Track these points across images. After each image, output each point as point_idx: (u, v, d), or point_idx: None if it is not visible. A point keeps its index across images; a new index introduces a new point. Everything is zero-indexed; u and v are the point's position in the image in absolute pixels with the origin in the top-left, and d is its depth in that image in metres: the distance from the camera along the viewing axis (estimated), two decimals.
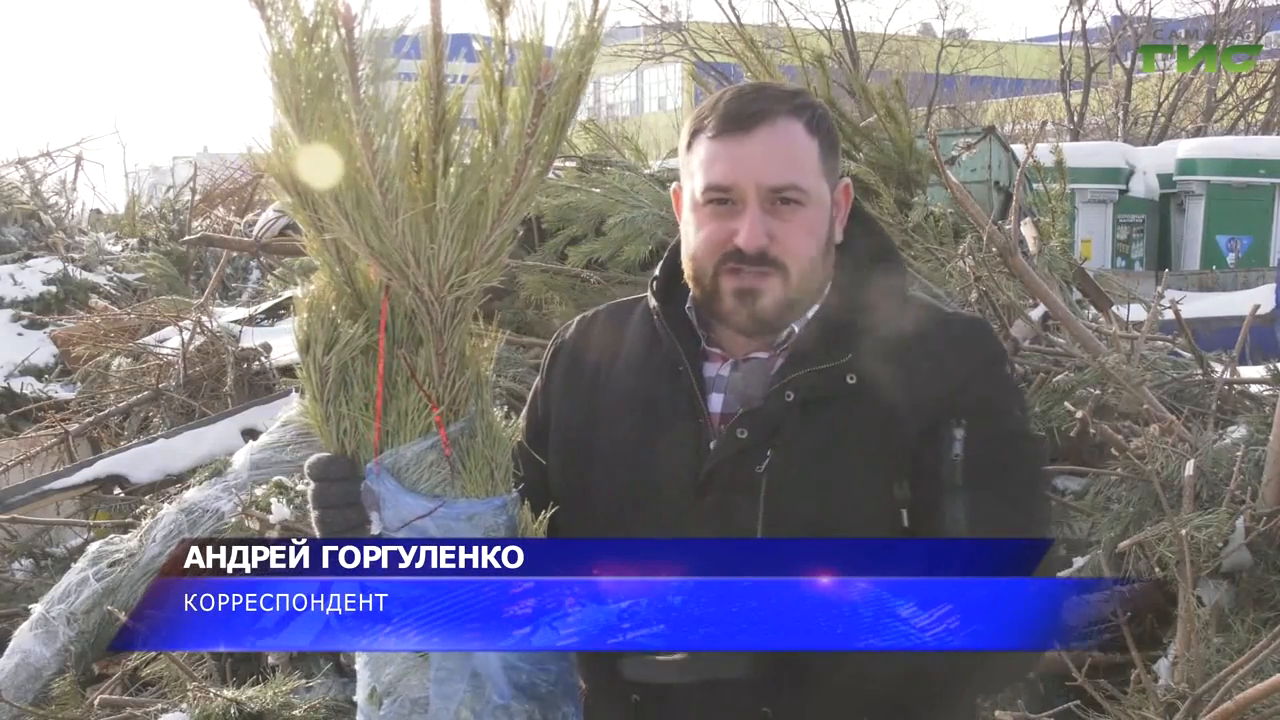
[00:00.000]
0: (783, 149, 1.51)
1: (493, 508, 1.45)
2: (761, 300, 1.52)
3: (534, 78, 1.34)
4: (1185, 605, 2.51)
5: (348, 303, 1.44)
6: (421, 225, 1.36)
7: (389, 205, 1.34)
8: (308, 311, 1.44)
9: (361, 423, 1.43)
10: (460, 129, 1.39)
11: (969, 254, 3.91)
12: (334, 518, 1.44)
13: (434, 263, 1.37)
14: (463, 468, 1.44)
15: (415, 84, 1.38)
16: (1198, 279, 10.33)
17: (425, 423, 1.43)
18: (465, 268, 1.38)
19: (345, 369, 1.43)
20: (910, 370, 1.52)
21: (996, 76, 23.86)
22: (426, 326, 1.41)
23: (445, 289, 1.38)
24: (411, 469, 1.42)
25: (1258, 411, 3.29)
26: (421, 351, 1.42)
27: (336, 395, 1.44)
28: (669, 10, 22.75)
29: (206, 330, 5.66)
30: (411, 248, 1.36)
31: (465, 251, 1.37)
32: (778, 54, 8.50)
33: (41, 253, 9.03)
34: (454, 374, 1.43)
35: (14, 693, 3.46)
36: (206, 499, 3.97)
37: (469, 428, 1.45)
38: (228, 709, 2.91)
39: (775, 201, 1.51)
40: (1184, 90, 18.55)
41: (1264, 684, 2.19)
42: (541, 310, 4.37)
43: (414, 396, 1.43)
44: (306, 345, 1.44)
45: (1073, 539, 3.29)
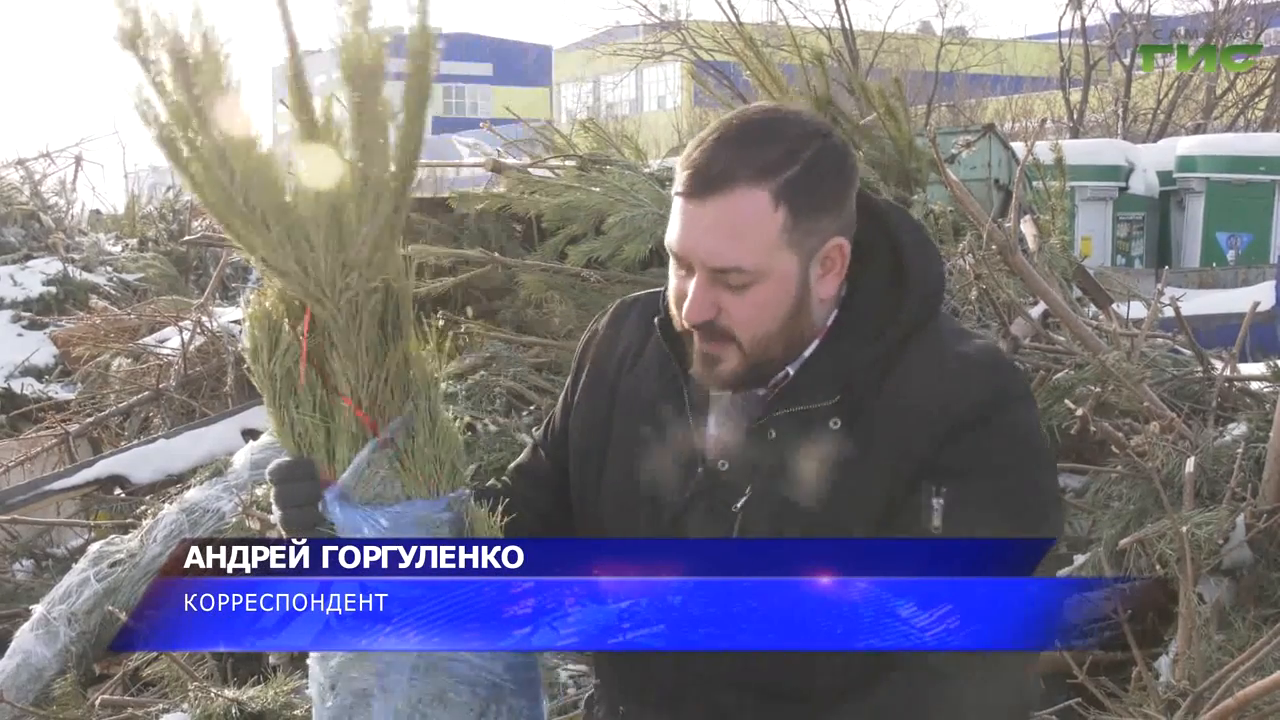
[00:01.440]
0: (730, 226, 1.40)
1: (436, 508, 1.46)
2: (720, 366, 1.46)
3: (349, 76, 1.36)
4: (1186, 603, 2.51)
5: (291, 306, 1.47)
6: (299, 235, 1.39)
7: (259, 219, 1.38)
8: (252, 319, 1.47)
9: (311, 425, 1.46)
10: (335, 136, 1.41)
11: (969, 252, 3.91)
12: (297, 517, 1.46)
13: (317, 269, 1.40)
14: (401, 467, 1.46)
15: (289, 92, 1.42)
16: (1198, 276, 10.32)
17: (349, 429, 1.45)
18: (347, 271, 1.40)
19: (291, 374, 1.46)
20: (896, 414, 1.44)
21: (996, 74, 23.85)
22: (335, 330, 1.44)
23: (334, 292, 1.41)
24: (357, 486, 1.45)
25: (1258, 409, 3.29)
26: (336, 355, 1.45)
27: (288, 400, 1.47)
28: (668, 9, 22.76)
29: (206, 330, 5.66)
30: (294, 258, 1.39)
31: (342, 254, 1.40)
32: (777, 52, 8.49)
33: (41, 253, 9.03)
34: (370, 373, 1.44)
35: (15, 693, 3.46)
36: (207, 499, 3.97)
37: (407, 428, 1.46)
38: (229, 709, 2.91)
39: (724, 286, 1.43)
40: (1183, 87, 18.55)
41: (1265, 681, 2.20)
42: (541, 309, 4.37)
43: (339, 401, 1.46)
44: (255, 352, 1.47)
45: (1073, 537, 3.29)
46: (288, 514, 1.47)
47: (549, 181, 4.76)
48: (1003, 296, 3.89)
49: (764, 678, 1.48)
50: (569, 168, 4.94)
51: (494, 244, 4.81)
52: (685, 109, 24.65)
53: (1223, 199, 11.94)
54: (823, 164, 1.43)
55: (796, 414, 1.46)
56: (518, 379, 4.05)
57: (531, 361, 4.22)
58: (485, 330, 4.54)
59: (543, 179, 4.82)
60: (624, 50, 23.19)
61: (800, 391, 1.47)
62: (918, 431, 1.43)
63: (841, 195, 1.46)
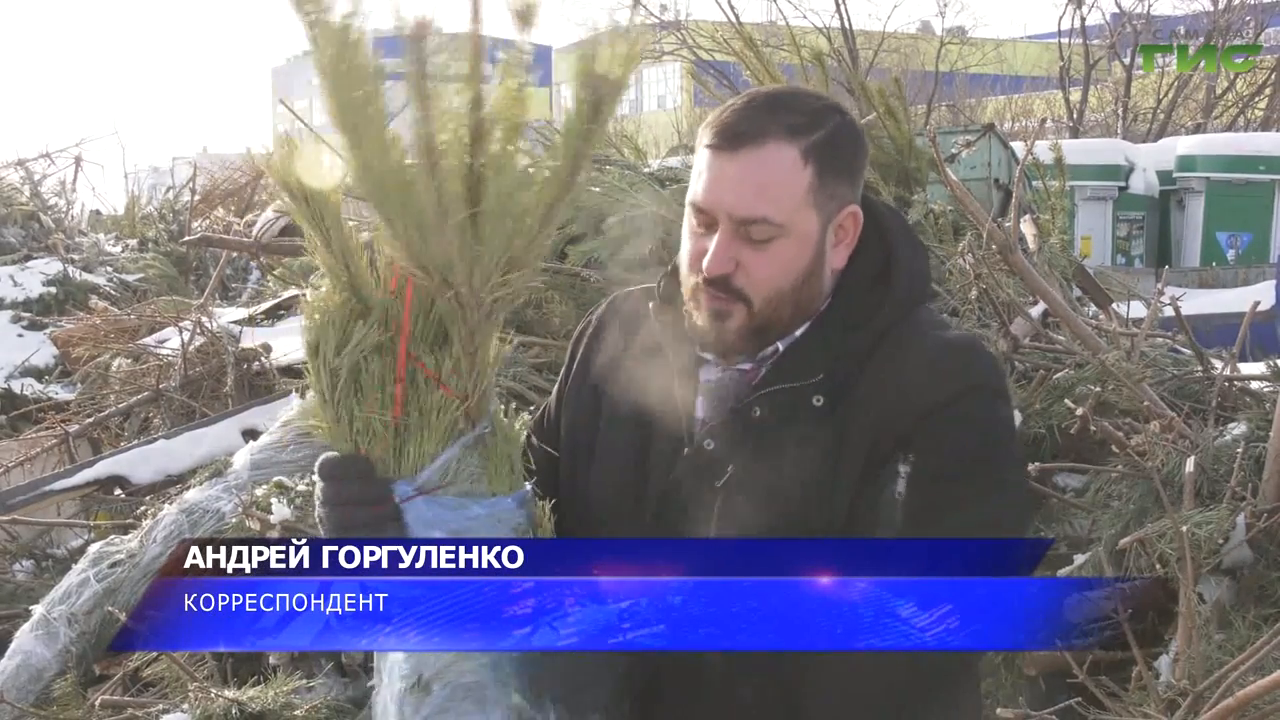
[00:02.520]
0: (759, 178, 1.45)
1: (517, 501, 1.45)
2: (727, 322, 1.49)
3: (588, 85, 1.34)
4: (1186, 602, 2.51)
5: (354, 306, 1.44)
6: (469, 227, 1.35)
7: (443, 207, 1.33)
8: (317, 313, 1.43)
9: (378, 422, 1.42)
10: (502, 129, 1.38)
11: (969, 251, 3.91)
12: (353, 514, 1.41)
13: (478, 264, 1.36)
14: (488, 465, 1.45)
15: (456, 86, 1.36)
16: (1198, 276, 10.31)
17: (445, 423, 1.42)
18: (507, 269, 1.38)
19: (356, 369, 1.42)
20: (876, 395, 1.47)
21: (996, 74, 23.84)
22: (460, 327, 1.41)
23: (486, 290, 1.38)
24: (439, 481, 1.42)
25: (1258, 408, 3.29)
26: (450, 351, 1.41)
27: (348, 396, 1.42)
28: (668, 9, 22.75)
29: (206, 331, 5.66)
30: (457, 249, 1.36)
31: (507, 253, 1.37)
32: (777, 52, 8.49)
33: (41, 254, 9.03)
34: (480, 374, 1.43)
35: (15, 694, 3.45)
36: (207, 499, 3.97)
37: (493, 426, 1.45)
38: (229, 709, 2.91)
39: (749, 238, 1.47)
40: (1183, 87, 18.55)
41: (1265, 680, 2.19)
42: (541, 310, 4.37)
43: (436, 395, 1.42)
44: (316, 347, 1.43)
45: (1073, 536, 3.29)
46: (342, 511, 1.42)
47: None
48: (1003, 296, 3.89)
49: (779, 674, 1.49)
50: None
51: None
52: (685, 109, 24.64)
53: (1223, 198, 11.93)
54: (844, 133, 1.50)
55: (781, 392, 1.49)
56: (518, 379, 4.05)
57: (531, 361, 4.21)
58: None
59: None
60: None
61: (785, 371, 1.50)
62: (895, 411, 1.46)
63: (858, 166, 1.53)
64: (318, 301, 1.44)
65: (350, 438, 1.43)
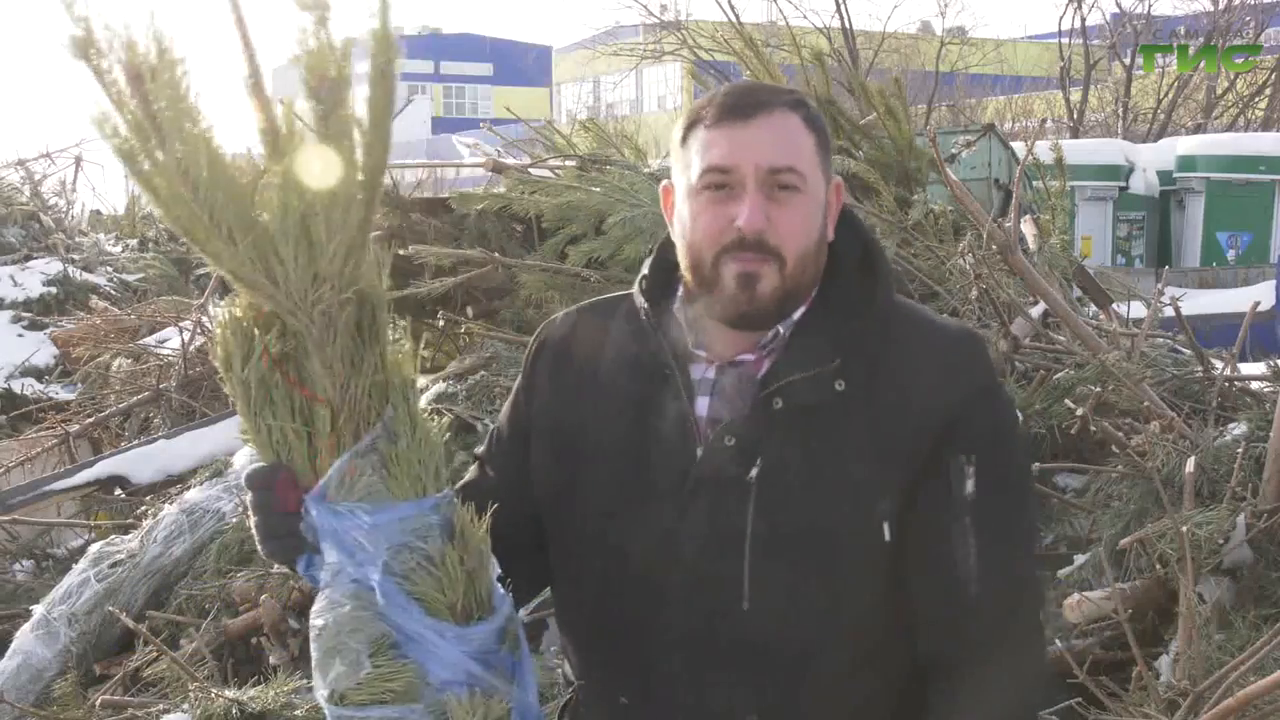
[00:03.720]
0: (782, 134, 1.52)
1: (423, 509, 1.44)
2: (760, 285, 1.49)
3: (313, 89, 1.34)
4: (1186, 602, 2.51)
5: (264, 314, 1.45)
6: (267, 248, 1.37)
7: (225, 234, 1.36)
8: (224, 327, 1.45)
9: (290, 432, 1.44)
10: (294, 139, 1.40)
11: (969, 251, 3.91)
12: (271, 523, 1.46)
13: (288, 280, 1.38)
14: (386, 472, 1.44)
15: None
16: (1198, 276, 10.31)
17: (335, 431, 1.44)
18: (318, 283, 1.39)
19: (264, 381, 1.44)
20: (900, 380, 1.50)
21: (996, 74, 23.85)
22: (308, 340, 1.42)
23: (308, 305, 1.39)
24: (336, 490, 1.43)
25: (1258, 408, 3.29)
26: (308, 364, 1.43)
27: (262, 407, 1.44)
28: (668, 9, 22.76)
29: (207, 331, 5.66)
30: (263, 271, 1.38)
31: (312, 267, 1.38)
32: (777, 52, 8.50)
33: (41, 254, 9.03)
34: (348, 381, 1.43)
35: (16, 694, 3.46)
36: (207, 499, 3.98)
37: (388, 432, 1.45)
38: (229, 710, 2.91)
39: (774, 186, 1.50)
40: (1184, 87, 18.56)
41: (1265, 680, 2.19)
42: (542, 309, 4.37)
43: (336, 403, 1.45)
44: (227, 361, 1.45)
45: (1073, 536, 3.29)
46: (262, 521, 1.46)
47: (549, 181, 4.76)
48: (1003, 296, 3.89)
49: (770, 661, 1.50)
50: (569, 168, 4.94)
51: (494, 244, 4.80)
52: (685, 109, 24.61)
53: (1223, 199, 11.94)
54: (818, 112, 1.60)
55: (801, 381, 1.50)
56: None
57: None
58: (485, 330, 4.54)
59: (543, 179, 4.81)
60: (624, 50, 23.18)
61: (797, 358, 1.52)
62: (927, 397, 1.50)
63: (830, 145, 1.61)
64: (225, 314, 1.46)
65: (271, 447, 1.46)
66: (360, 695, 1.41)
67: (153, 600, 3.74)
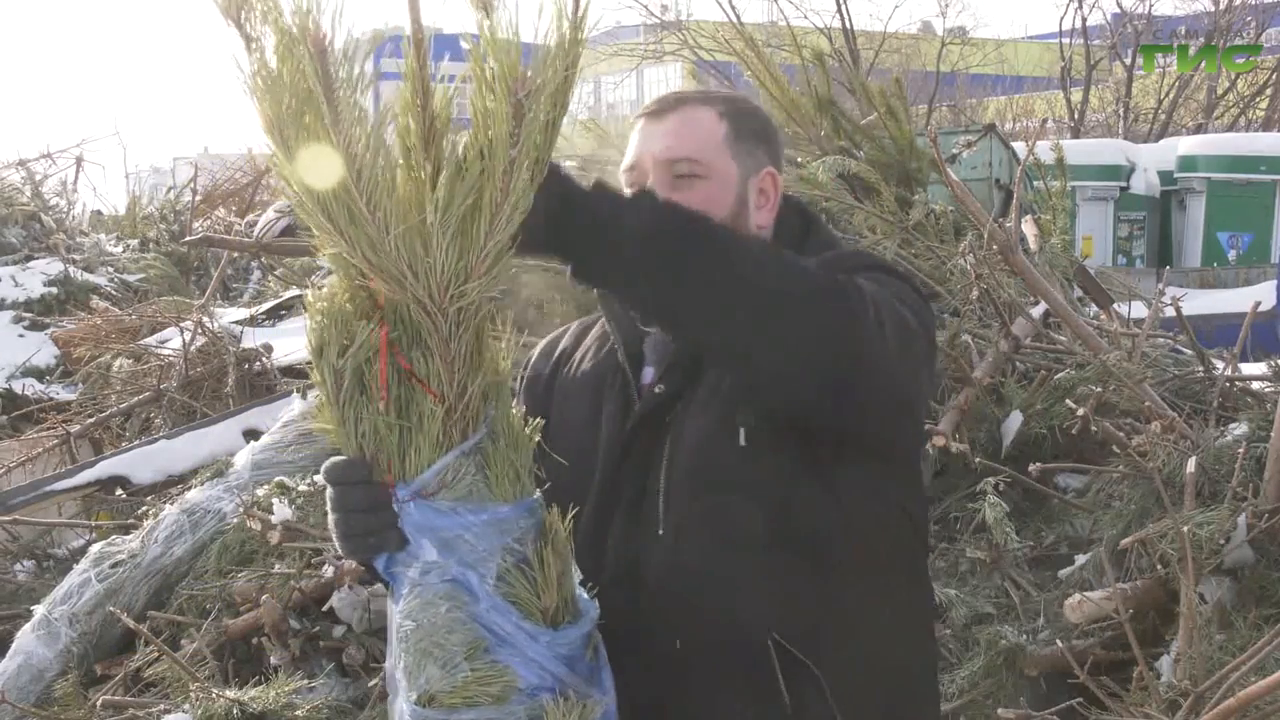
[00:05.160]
0: (683, 129, 1.64)
1: (520, 511, 1.43)
2: None
3: (511, 87, 1.32)
4: (1187, 602, 2.51)
5: (362, 303, 1.42)
6: (416, 238, 1.34)
7: (379, 221, 1.32)
8: (320, 314, 1.41)
9: (383, 425, 1.40)
10: (454, 133, 1.37)
11: (970, 251, 3.91)
12: (356, 521, 1.42)
13: (431, 275, 1.35)
14: (486, 472, 1.43)
15: (401, 90, 1.35)
16: (1199, 276, 10.30)
17: (435, 428, 1.41)
18: (463, 278, 1.36)
19: (361, 371, 1.40)
20: None
21: (997, 74, 23.83)
22: (432, 336, 1.39)
23: (446, 300, 1.37)
24: (436, 487, 1.41)
25: (1259, 408, 3.29)
26: (430, 360, 1.41)
27: (353, 398, 1.41)
28: (669, 9, 22.75)
29: (207, 331, 5.66)
30: (407, 261, 1.34)
31: (462, 262, 1.35)
32: (778, 53, 8.49)
33: (42, 254, 9.03)
34: (465, 380, 1.41)
35: (16, 694, 3.46)
36: (208, 500, 3.97)
37: (490, 432, 1.44)
38: (230, 709, 2.91)
39: (672, 176, 1.61)
40: (1184, 87, 18.54)
41: (1266, 681, 2.19)
42: (542, 309, 4.37)
43: (429, 399, 1.41)
44: (320, 349, 1.40)
45: (1074, 536, 3.29)
46: (348, 517, 1.43)
47: None
48: (1004, 296, 3.89)
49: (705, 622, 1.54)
50: (569, 168, 4.93)
51: None
52: None
53: (1224, 199, 11.92)
54: (751, 107, 1.73)
55: None
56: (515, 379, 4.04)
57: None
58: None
59: None
60: (624, 50, 23.17)
61: None
62: None
63: (771, 137, 1.72)
64: (321, 301, 1.41)
65: (355, 440, 1.41)
66: (454, 698, 1.38)
67: (154, 600, 3.74)
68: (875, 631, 1.58)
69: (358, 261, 1.36)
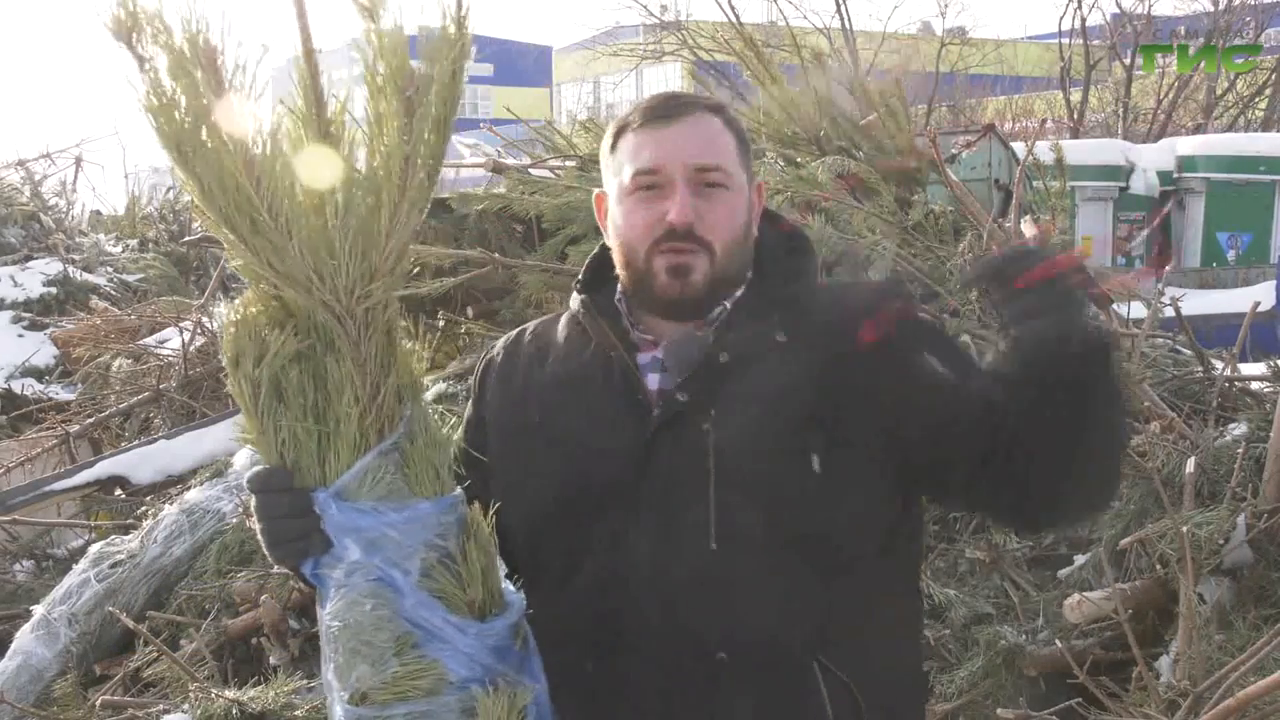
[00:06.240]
0: (705, 134, 1.62)
1: (442, 507, 1.45)
2: (692, 275, 1.58)
3: (400, 85, 1.34)
4: (1186, 602, 2.51)
5: (274, 312, 1.44)
6: (319, 242, 1.37)
7: (281, 228, 1.35)
8: (233, 325, 1.44)
9: (301, 431, 1.43)
10: (349, 138, 1.39)
11: (969, 252, 3.91)
12: (281, 527, 1.45)
13: (337, 277, 1.38)
14: (405, 471, 1.45)
15: (296, 100, 1.38)
16: (1198, 276, 10.31)
17: (352, 431, 1.43)
18: (369, 279, 1.39)
19: (276, 379, 1.43)
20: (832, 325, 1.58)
21: (996, 74, 23.84)
22: (342, 339, 1.41)
23: (353, 302, 1.39)
24: (356, 489, 1.43)
25: (1258, 409, 3.29)
26: (342, 363, 1.43)
27: (271, 406, 1.44)
28: (668, 9, 22.76)
29: (207, 331, 5.66)
30: (313, 266, 1.37)
31: (365, 262, 1.38)
32: (777, 53, 8.48)
33: (42, 254, 9.03)
34: (378, 380, 1.43)
35: (16, 694, 3.45)
36: (208, 500, 3.97)
37: (407, 431, 1.46)
38: (229, 710, 2.91)
39: (700, 184, 1.59)
40: (1184, 87, 18.54)
41: (1265, 681, 2.20)
42: (542, 309, 4.37)
43: (345, 401, 1.43)
44: (235, 359, 1.44)
45: (1074, 536, 3.29)
46: (272, 525, 1.46)
47: (549, 182, 4.76)
48: None
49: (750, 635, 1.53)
50: (569, 168, 4.94)
51: (494, 244, 4.80)
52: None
53: (1223, 199, 11.93)
54: (736, 115, 1.70)
55: (744, 335, 1.60)
56: None
57: None
58: (485, 330, 4.53)
59: (543, 179, 4.81)
60: (624, 50, 23.18)
61: (739, 319, 1.62)
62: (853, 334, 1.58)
63: (750, 149, 1.71)
64: (235, 311, 1.45)
65: (275, 448, 1.45)
66: (385, 694, 1.41)
67: (153, 600, 3.74)
68: (894, 640, 1.64)
69: (263, 270, 1.38)
